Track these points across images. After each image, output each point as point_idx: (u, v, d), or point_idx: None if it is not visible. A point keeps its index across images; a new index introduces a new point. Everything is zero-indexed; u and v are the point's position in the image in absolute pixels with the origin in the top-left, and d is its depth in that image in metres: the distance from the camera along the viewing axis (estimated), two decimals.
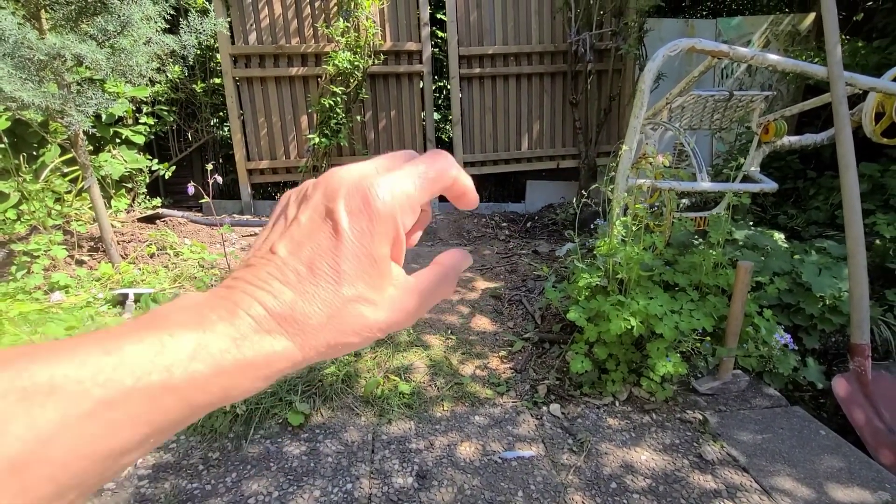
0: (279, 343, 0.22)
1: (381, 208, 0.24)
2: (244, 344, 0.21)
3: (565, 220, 4.29)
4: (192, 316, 0.21)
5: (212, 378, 0.21)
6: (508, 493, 1.46)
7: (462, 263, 0.30)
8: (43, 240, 2.66)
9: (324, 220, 0.24)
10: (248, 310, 0.22)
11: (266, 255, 0.24)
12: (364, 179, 0.24)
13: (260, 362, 0.22)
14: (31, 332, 1.79)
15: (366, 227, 0.24)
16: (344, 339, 0.24)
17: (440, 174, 0.26)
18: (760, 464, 1.57)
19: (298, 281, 0.23)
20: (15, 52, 1.93)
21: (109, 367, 0.18)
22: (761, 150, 2.56)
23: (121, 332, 0.20)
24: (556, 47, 4.63)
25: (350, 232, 0.24)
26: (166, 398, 0.19)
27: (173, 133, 4.76)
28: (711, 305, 1.91)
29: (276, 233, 0.25)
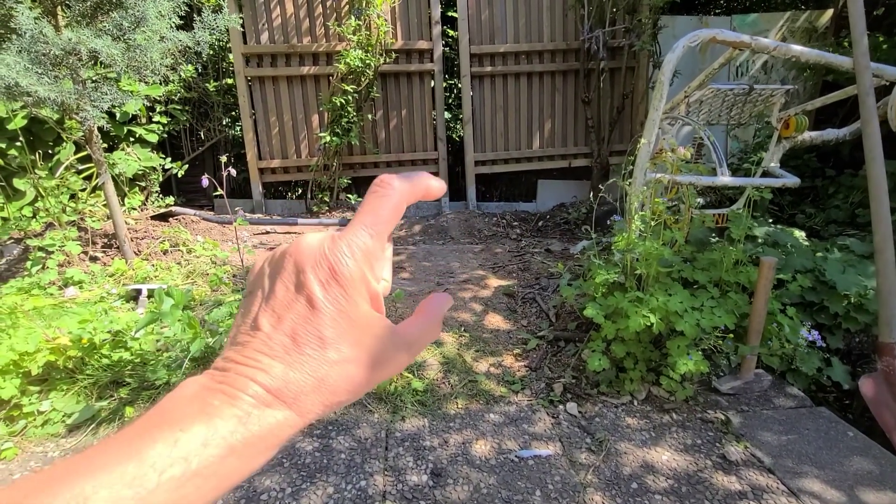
0: (280, 413, 0.24)
1: (348, 272, 0.26)
2: (249, 421, 0.24)
3: (577, 219, 4.24)
4: (197, 406, 0.24)
5: (226, 458, 0.23)
6: (525, 492, 1.42)
7: (444, 306, 0.32)
8: (58, 236, 2.68)
9: (298, 292, 0.26)
10: (246, 390, 0.24)
11: (251, 332, 0.26)
12: (327, 247, 0.26)
13: (265, 434, 0.24)
14: (46, 325, 1.79)
15: (338, 293, 0.26)
16: (336, 398, 0.26)
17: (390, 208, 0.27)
18: (786, 465, 1.52)
19: (286, 353, 0.25)
20: (31, 48, 1.94)
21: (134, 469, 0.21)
22: (781, 146, 2.50)
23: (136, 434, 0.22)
24: (569, 45, 4.59)
25: (324, 300, 0.25)
26: (189, 485, 0.22)
27: (186, 132, 4.79)
28: (733, 302, 1.86)
29: (256, 305, 0.27)
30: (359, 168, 4.67)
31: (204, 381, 0.25)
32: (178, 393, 0.25)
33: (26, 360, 1.67)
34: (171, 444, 0.22)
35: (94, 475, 0.20)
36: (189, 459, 0.22)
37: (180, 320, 1.69)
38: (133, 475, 0.21)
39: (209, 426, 0.23)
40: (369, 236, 0.27)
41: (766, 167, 2.43)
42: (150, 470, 0.21)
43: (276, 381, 0.25)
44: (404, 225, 4.39)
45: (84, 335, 1.77)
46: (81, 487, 0.20)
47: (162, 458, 0.21)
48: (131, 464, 0.21)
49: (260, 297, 0.27)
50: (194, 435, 0.22)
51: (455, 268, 3.25)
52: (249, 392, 0.24)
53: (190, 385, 0.25)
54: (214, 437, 0.23)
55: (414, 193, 0.29)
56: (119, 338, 1.86)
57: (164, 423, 0.23)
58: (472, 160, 4.70)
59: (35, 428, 1.66)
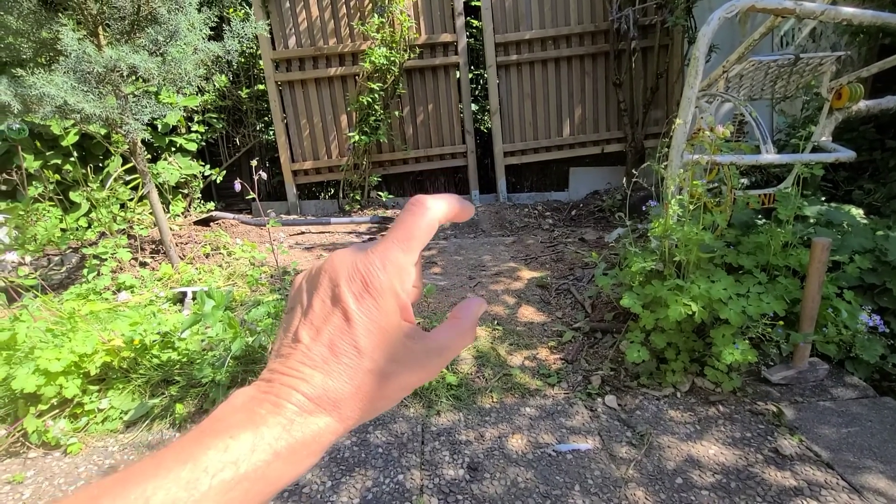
0: (321, 420, 0.26)
1: (379, 285, 0.27)
2: (292, 428, 0.25)
3: (612, 207, 4.12)
4: (245, 415, 0.26)
5: (272, 463, 0.25)
6: (564, 486, 1.40)
7: (478, 311, 0.33)
8: (109, 244, 2.84)
9: (334, 305, 0.27)
10: (289, 399, 0.26)
11: (292, 345, 0.28)
12: (359, 262, 0.28)
13: (308, 440, 0.26)
14: (101, 329, 1.91)
15: (371, 304, 0.27)
16: (373, 405, 0.28)
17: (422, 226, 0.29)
18: (847, 460, 1.42)
19: (324, 363, 0.27)
20: (77, 67, 2.05)
21: (188, 474, 0.23)
22: (833, 118, 2.32)
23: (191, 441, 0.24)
24: (597, 27, 4.44)
25: (358, 312, 0.27)
26: (238, 488, 0.24)
27: (223, 139, 4.98)
28: (783, 288, 1.75)
29: (296, 320, 0.29)
30: (388, 165, 4.71)
31: (251, 392, 0.27)
32: (229, 403, 0.27)
33: (85, 361, 1.78)
34: (222, 450, 0.24)
35: (154, 478, 0.22)
36: (238, 464, 0.24)
37: (221, 321, 1.75)
38: (187, 479, 0.23)
39: (256, 433, 0.25)
40: (401, 251, 0.28)
41: (817, 142, 2.27)
42: (202, 474, 0.23)
43: (316, 389, 0.26)
44: None
45: (136, 337, 1.87)
46: (143, 489, 0.22)
47: (214, 463, 0.23)
48: (186, 468, 0.23)
49: (299, 312, 0.29)
50: (243, 442, 0.24)
51: (487, 261, 3.23)
52: (293, 401, 0.26)
53: (239, 396, 0.27)
54: (261, 444, 0.24)
55: (446, 214, 0.30)
56: (167, 339, 1.95)
57: (215, 431, 0.25)
58: (500, 151, 4.64)
59: (96, 424, 1.77)
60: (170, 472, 0.23)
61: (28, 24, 2.32)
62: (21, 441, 1.70)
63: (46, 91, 1.98)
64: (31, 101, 2.08)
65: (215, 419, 0.26)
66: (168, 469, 0.23)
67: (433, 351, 0.29)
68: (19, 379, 1.63)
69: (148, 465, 0.23)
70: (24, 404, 1.72)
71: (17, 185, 3.16)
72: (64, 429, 1.70)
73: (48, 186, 3.23)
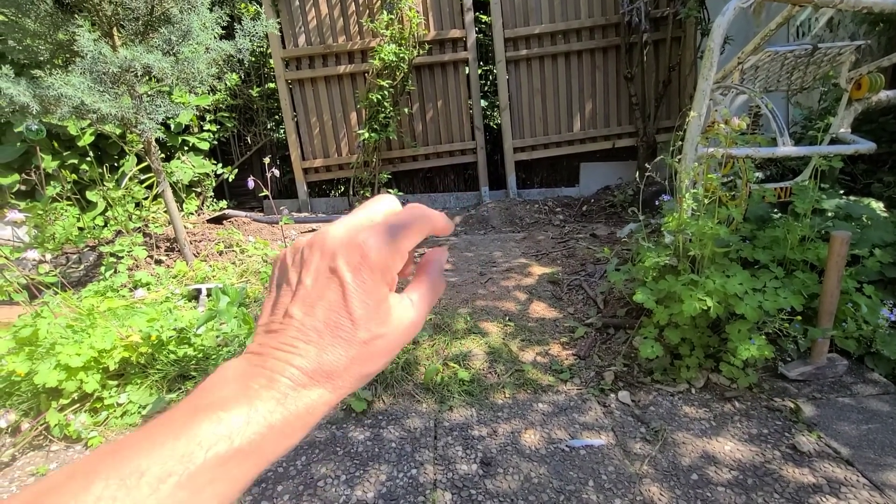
0: (315, 393, 0.27)
1: (376, 259, 0.28)
2: (286, 401, 0.26)
3: (624, 202, 4.08)
4: (238, 388, 0.26)
5: (267, 435, 0.25)
6: (578, 482, 1.39)
7: (441, 259, 0.34)
8: (126, 242, 2.89)
9: (329, 279, 0.27)
10: (283, 373, 0.26)
11: (284, 321, 0.28)
12: (356, 236, 0.28)
13: (302, 413, 0.26)
14: (120, 325, 1.94)
15: (367, 277, 0.27)
16: (366, 370, 0.28)
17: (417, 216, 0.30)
18: (868, 457, 1.40)
19: (319, 337, 0.27)
20: (93, 68, 2.08)
21: (182, 447, 0.23)
22: (852, 109, 2.27)
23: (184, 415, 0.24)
24: (608, 20, 4.39)
25: (354, 284, 0.27)
26: (234, 460, 0.24)
27: (234, 138, 5.02)
28: (800, 282, 1.72)
29: (286, 297, 0.29)
30: (398, 162, 4.72)
31: (243, 366, 0.27)
32: (219, 376, 0.27)
33: (104, 356, 1.82)
34: (216, 422, 0.24)
35: (148, 452, 0.22)
36: (232, 437, 0.24)
37: (236, 317, 1.78)
38: (182, 452, 0.22)
39: (251, 407, 0.25)
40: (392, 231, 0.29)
41: (835, 133, 2.22)
42: (197, 447, 0.23)
43: (311, 363, 0.27)
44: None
45: (153, 333, 1.90)
46: (137, 463, 0.22)
47: (208, 437, 0.23)
48: (180, 441, 0.23)
49: (288, 290, 0.29)
50: (237, 415, 0.24)
51: (497, 257, 3.22)
52: (286, 375, 0.26)
53: (229, 369, 0.27)
54: (255, 417, 0.25)
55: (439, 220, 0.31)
56: (183, 334, 1.98)
57: (208, 404, 0.25)
58: (510, 147, 4.62)
59: (115, 418, 1.81)
60: (163, 445, 0.23)
61: (45, 26, 2.36)
62: (44, 434, 1.74)
63: (64, 91, 2.01)
64: (49, 101, 2.12)
65: (205, 391, 0.26)
66: (161, 443, 0.23)
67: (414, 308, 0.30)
68: (41, 374, 1.67)
69: (140, 438, 0.23)
70: (46, 399, 1.76)
71: (36, 184, 3.22)
72: (85, 423, 1.73)
73: (66, 186, 3.29)
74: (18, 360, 1.76)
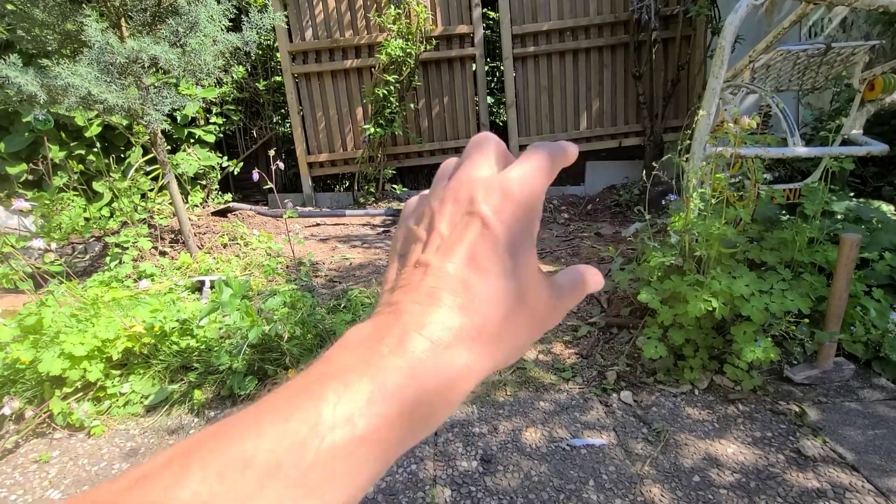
0: (460, 359, 0.21)
1: (521, 198, 0.23)
2: (422, 370, 0.20)
3: (629, 201, 4.05)
4: (362, 355, 0.20)
5: (395, 420, 0.19)
6: (578, 481, 1.38)
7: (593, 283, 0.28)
8: (131, 233, 2.90)
9: (469, 219, 0.23)
10: (420, 330, 0.21)
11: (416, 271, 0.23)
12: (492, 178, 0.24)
13: (443, 386, 0.20)
14: (123, 315, 1.95)
15: (514, 214, 0.23)
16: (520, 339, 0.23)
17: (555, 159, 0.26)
18: (873, 462, 1.38)
19: (464, 285, 0.21)
20: (100, 58, 2.09)
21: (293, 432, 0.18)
22: (865, 110, 2.24)
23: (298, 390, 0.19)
24: (617, 17, 4.35)
25: (499, 223, 0.22)
26: (355, 451, 0.18)
27: (240, 131, 5.03)
28: (808, 285, 1.70)
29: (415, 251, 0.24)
30: (403, 158, 4.71)
31: (369, 328, 0.22)
32: (342, 343, 0.22)
33: (108, 346, 1.82)
34: (333, 402, 0.18)
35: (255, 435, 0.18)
36: (354, 421, 0.18)
37: (238, 309, 1.78)
38: (293, 439, 0.18)
39: (374, 379, 0.19)
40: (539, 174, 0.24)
41: (847, 135, 2.19)
42: (310, 434, 0.18)
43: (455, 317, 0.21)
44: None
45: (156, 323, 1.91)
46: (242, 447, 0.17)
47: (324, 419, 0.18)
48: (291, 423, 0.18)
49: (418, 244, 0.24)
50: (358, 391, 0.19)
51: None
52: (424, 332, 0.20)
53: (354, 332, 0.22)
54: (380, 393, 0.19)
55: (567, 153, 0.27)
56: (186, 326, 1.99)
57: (325, 376, 0.20)
58: (516, 144, 4.60)
59: (118, 408, 1.82)
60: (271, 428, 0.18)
61: (53, 16, 2.36)
62: (47, 422, 1.76)
63: (71, 81, 2.01)
64: (56, 91, 2.12)
65: (326, 360, 0.21)
66: (269, 424, 0.18)
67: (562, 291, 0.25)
68: (45, 362, 1.68)
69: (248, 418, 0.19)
70: (49, 387, 1.77)
71: (43, 174, 3.24)
72: (88, 411, 1.74)
73: (72, 176, 3.30)
74: (23, 348, 1.77)
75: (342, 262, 3.16)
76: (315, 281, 2.76)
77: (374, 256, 3.24)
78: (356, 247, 3.51)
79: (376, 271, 2.93)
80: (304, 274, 2.51)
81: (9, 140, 3.45)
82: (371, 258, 3.21)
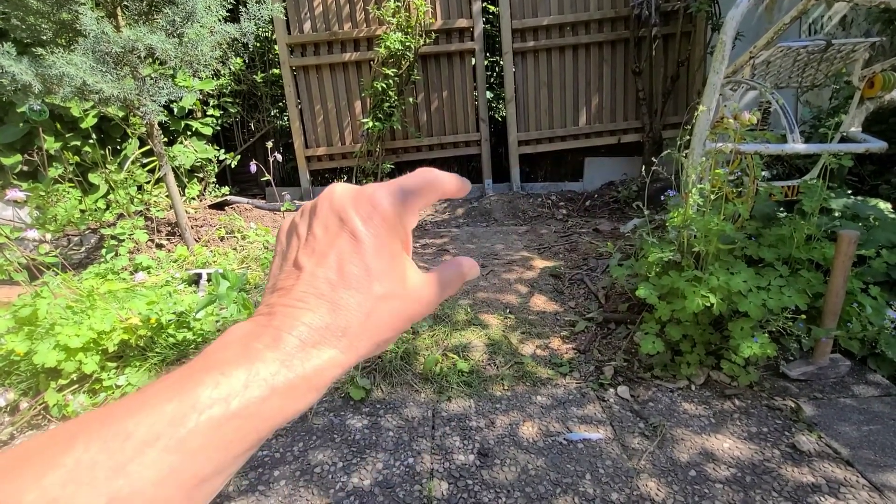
0: (325, 353, 0.24)
1: (389, 210, 0.26)
2: (292, 362, 0.23)
3: (627, 198, 4.05)
4: (239, 350, 0.24)
5: (267, 400, 0.23)
6: (575, 475, 1.39)
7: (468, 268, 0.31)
8: (127, 225, 2.88)
9: (340, 228, 0.26)
10: (291, 331, 0.24)
11: (292, 273, 0.26)
12: (365, 190, 0.27)
13: (310, 374, 0.24)
14: (119, 307, 1.94)
15: (380, 225, 0.26)
16: (382, 335, 0.26)
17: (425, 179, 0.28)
18: (867, 458, 1.39)
19: (332, 289, 0.25)
20: (95, 47, 2.06)
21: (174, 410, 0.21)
22: (864, 108, 2.24)
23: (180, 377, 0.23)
24: (617, 13, 4.33)
25: (367, 232, 0.26)
26: (229, 426, 0.22)
27: (238, 124, 4.99)
28: (805, 281, 1.70)
29: (293, 250, 0.27)
30: (401, 152, 4.69)
31: (248, 327, 0.25)
32: (223, 339, 0.25)
33: (104, 338, 1.81)
34: (212, 386, 0.22)
35: (137, 413, 0.21)
36: (229, 400, 0.22)
37: (235, 302, 1.77)
38: (172, 415, 0.21)
39: (250, 369, 0.23)
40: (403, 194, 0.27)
41: (846, 132, 2.19)
42: (190, 410, 0.21)
43: (322, 318, 0.24)
44: (447, 208, 4.38)
45: (152, 316, 1.90)
46: (125, 424, 0.20)
47: (203, 399, 0.22)
48: (172, 404, 0.21)
49: (297, 242, 0.27)
50: (235, 378, 0.22)
51: (499, 250, 3.21)
52: (294, 332, 0.24)
53: (234, 331, 0.25)
54: (255, 379, 0.23)
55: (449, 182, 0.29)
56: (183, 318, 1.98)
57: (206, 367, 0.23)
58: (515, 140, 4.59)
59: (113, 400, 1.81)
60: (154, 407, 0.21)
61: (48, 4, 2.33)
62: (42, 414, 1.75)
63: (66, 71, 1.99)
64: (51, 81, 2.10)
65: (206, 354, 0.24)
66: (152, 405, 0.21)
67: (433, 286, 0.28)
68: (40, 354, 1.67)
69: (131, 401, 0.22)
70: (45, 378, 1.76)
71: (38, 165, 3.21)
72: (83, 403, 1.73)
73: (68, 168, 3.28)
74: (18, 340, 1.76)
75: None
76: None
77: None
78: None
79: None
80: None
81: (3, 130, 3.41)
82: None
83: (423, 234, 3.69)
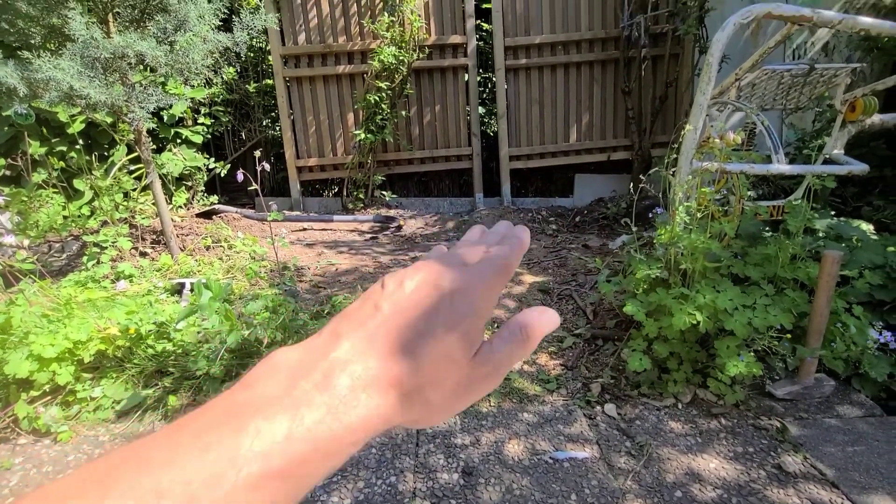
0: (373, 400, 0.22)
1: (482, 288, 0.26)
2: (339, 410, 0.21)
3: (616, 214, 4.08)
4: (285, 385, 0.21)
5: (309, 456, 0.20)
6: (560, 495, 1.36)
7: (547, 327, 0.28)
8: (111, 232, 2.83)
9: (432, 290, 0.25)
10: (345, 369, 0.22)
11: (367, 311, 0.25)
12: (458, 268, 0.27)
13: (355, 426, 0.21)
14: (98, 316, 1.89)
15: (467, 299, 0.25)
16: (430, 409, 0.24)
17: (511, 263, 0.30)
18: (853, 479, 1.38)
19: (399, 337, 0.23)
20: (84, 52, 2.04)
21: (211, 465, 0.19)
22: (846, 131, 2.28)
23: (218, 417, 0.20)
24: (608, 33, 4.42)
25: (453, 297, 0.25)
26: (270, 485, 0.19)
27: (229, 133, 4.97)
28: (790, 301, 1.71)
29: (376, 294, 0.26)
30: (393, 165, 4.70)
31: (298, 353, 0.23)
32: (268, 364, 0.23)
33: (80, 348, 1.76)
34: (253, 434, 0.20)
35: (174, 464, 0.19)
36: (270, 456, 0.19)
37: (218, 312, 1.73)
38: (210, 471, 0.19)
39: (295, 415, 0.20)
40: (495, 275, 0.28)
41: (829, 154, 2.24)
42: (228, 466, 0.19)
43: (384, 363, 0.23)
44: (438, 221, 4.38)
45: (131, 325, 1.85)
46: (160, 478, 0.18)
47: (242, 452, 0.19)
48: (210, 455, 0.19)
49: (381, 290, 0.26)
50: (277, 425, 0.20)
51: None
52: (348, 372, 0.22)
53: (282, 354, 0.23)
54: (299, 430, 0.20)
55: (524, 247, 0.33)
56: (163, 329, 1.93)
57: (247, 404, 0.21)
58: (506, 155, 4.62)
59: (88, 413, 1.75)
60: (191, 458, 0.19)
61: (38, 9, 2.31)
62: (11, 427, 1.68)
63: (53, 75, 1.97)
64: (37, 85, 2.07)
65: (249, 384, 0.22)
66: (187, 454, 0.19)
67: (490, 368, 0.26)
68: (12, 364, 1.61)
69: (169, 442, 0.20)
70: (15, 390, 1.70)
71: (22, 170, 3.15)
72: (55, 416, 1.67)
73: (52, 173, 3.22)
74: None
75: (328, 268, 3.12)
76: (299, 286, 2.71)
77: (361, 263, 3.21)
78: (343, 253, 3.47)
79: (362, 278, 2.90)
80: (288, 279, 2.46)
81: None
82: (357, 264, 3.17)
83: (413, 247, 3.68)
